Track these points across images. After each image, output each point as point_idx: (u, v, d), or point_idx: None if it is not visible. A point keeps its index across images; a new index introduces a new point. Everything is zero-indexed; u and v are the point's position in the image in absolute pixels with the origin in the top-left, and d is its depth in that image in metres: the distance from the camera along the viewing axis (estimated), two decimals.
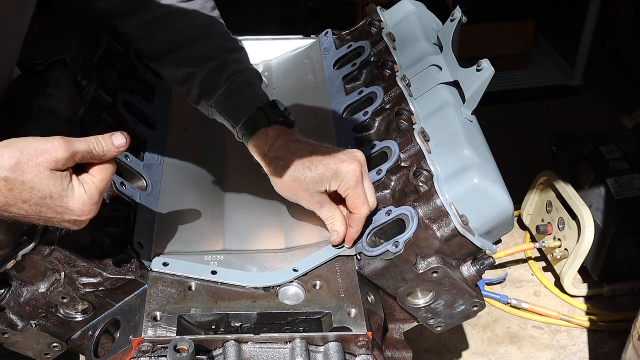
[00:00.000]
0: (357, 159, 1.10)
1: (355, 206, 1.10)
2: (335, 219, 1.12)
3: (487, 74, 1.16)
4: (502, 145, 2.04)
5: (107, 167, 0.92)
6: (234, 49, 1.23)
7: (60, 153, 0.86)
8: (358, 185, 1.09)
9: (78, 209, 0.88)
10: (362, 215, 1.10)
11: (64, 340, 1.10)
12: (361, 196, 1.09)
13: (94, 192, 0.90)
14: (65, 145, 0.86)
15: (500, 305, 2.48)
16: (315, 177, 1.10)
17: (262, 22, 3.74)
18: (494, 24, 3.38)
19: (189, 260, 1.10)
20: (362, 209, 1.09)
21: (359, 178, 1.09)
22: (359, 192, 1.09)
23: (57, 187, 0.86)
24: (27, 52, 1.17)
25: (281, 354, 0.99)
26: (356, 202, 1.09)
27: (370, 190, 1.12)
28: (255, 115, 1.15)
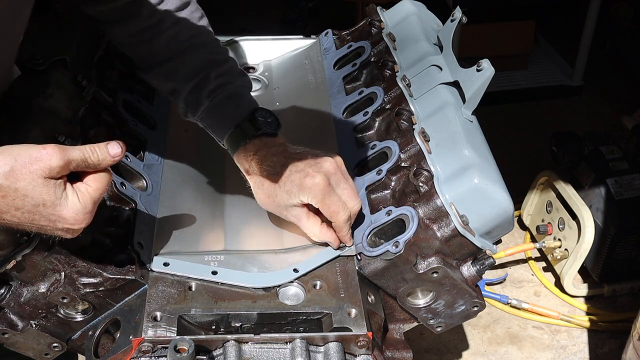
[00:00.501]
0: (322, 169, 1.10)
1: (330, 215, 1.11)
2: (317, 231, 1.13)
3: (487, 74, 1.16)
4: (502, 145, 2.03)
5: (102, 175, 0.91)
6: (219, 61, 1.23)
7: (55, 161, 0.85)
8: (325, 197, 1.09)
9: (71, 217, 0.88)
10: (340, 221, 1.10)
11: (64, 340, 1.10)
12: (333, 205, 1.10)
13: (88, 201, 0.89)
14: (59, 153, 0.86)
15: (500, 305, 2.48)
16: (283, 195, 1.11)
17: (262, 22, 3.74)
18: (494, 24, 3.37)
19: (189, 260, 1.10)
20: (337, 216, 1.10)
21: (325, 189, 1.09)
22: (328, 203, 1.09)
23: (50, 195, 0.86)
24: (27, 52, 1.18)
25: (281, 354, 0.99)
26: (329, 211, 1.10)
27: (348, 192, 1.11)
28: (234, 132, 1.17)
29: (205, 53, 1.23)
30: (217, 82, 1.20)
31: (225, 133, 1.18)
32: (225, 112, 1.19)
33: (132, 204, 1.13)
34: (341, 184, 1.11)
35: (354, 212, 1.12)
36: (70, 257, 0.99)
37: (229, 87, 1.20)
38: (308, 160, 1.12)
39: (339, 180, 1.11)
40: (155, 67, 1.24)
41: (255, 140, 1.16)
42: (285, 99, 1.49)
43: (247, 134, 1.16)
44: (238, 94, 1.21)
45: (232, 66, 1.26)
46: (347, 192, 1.12)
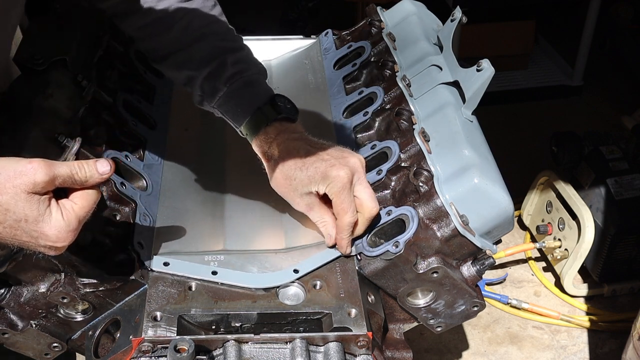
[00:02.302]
0: (349, 164, 1.09)
1: (338, 212, 1.10)
2: (325, 222, 1.12)
3: (487, 74, 1.16)
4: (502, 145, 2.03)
5: (89, 193, 0.89)
6: (234, 49, 1.23)
7: (39, 176, 0.83)
8: (342, 192, 1.08)
9: (53, 234, 0.85)
10: (344, 222, 1.09)
11: (64, 340, 1.10)
12: (344, 203, 1.08)
13: (72, 219, 0.87)
14: (45, 168, 0.84)
15: (500, 305, 2.48)
16: (304, 179, 1.10)
17: (262, 22, 3.74)
18: (494, 24, 3.38)
19: (189, 260, 1.10)
20: (343, 216, 1.09)
21: (345, 185, 1.08)
22: (342, 199, 1.08)
23: (32, 211, 0.83)
24: (27, 52, 1.18)
25: (281, 354, 0.99)
26: (338, 208, 1.09)
27: (369, 193, 1.10)
28: (255, 116, 1.16)
29: (219, 41, 1.23)
30: (234, 69, 1.19)
31: (245, 117, 1.17)
32: (244, 97, 1.18)
33: (132, 204, 1.13)
34: (363, 184, 1.11)
35: (370, 215, 1.10)
36: (70, 257, 0.99)
37: (246, 74, 1.20)
38: (334, 152, 1.11)
39: (362, 180, 1.11)
40: (169, 58, 1.24)
41: (276, 123, 1.15)
42: None
43: (269, 117, 1.15)
44: (256, 81, 1.21)
45: (248, 54, 1.25)
46: (368, 193, 1.10)
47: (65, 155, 1.07)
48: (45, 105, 1.11)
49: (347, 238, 1.11)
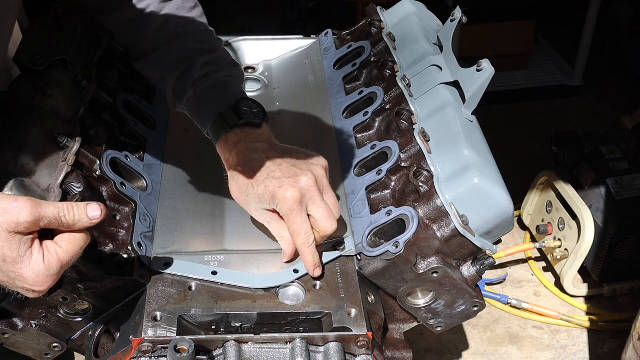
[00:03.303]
0: (299, 184, 1.05)
1: (291, 233, 1.07)
2: (282, 238, 1.09)
3: (487, 74, 1.16)
4: (502, 145, 2.04)
5: (77, 237, 0.86)
6: (207, 50, 1.21)
7: (23, 216, 0.80)
8: (291, 214, 1.05)
9: (31, 278, 0.82)
10: (298, 244, 1.06)
11: (64, 340, 1.10)
12: (294, 224, 1.05)
13: (54, 264, 0.83)
14: (30, 207, 0.80)
15: (500, 305, 2.48)
16: (255, 197, 1.08)
17: (262, 22, 3.74)
18: (494, 24, 3.38)
19: (189, 260, 1.10)
20: (296, 238, 1.06)
21: (293, 207, 1.04)
22: (292, 221, 1.05)
23: (12, 252, 0.80)
24: (27, 52, 1.18)
25: (281, 354, 0.99)
26: (290, 229, 1.07)
27: (322, 212, 1.06)
28: (217, 121, 1.14)
29: (193, 42, 1.22)
30: (202, 71, 1.17)
31: (208, 122, 1.15)
32: (208, 100, 1.16)
33: (132, 204, 1.13)
34: (317, 202, 1.06)
35: (326, 233, 1.07)
36: None
37: (214, 76, 1.18)
38: (286, 169, 1.07)
39: (315, 198, 1.06)
40: (145, 56, 1.24)
41: (237, 130, 1.12)
42: (285, 99, 1.49)
43: (229, 123, 1.12)
44: (223, 84, 1.18)
45: (222, 56, 1.23)
46: (321, 212, 1.06)
47: (65, 155, 1.07)
48: (45, 105, 1.11)
49: (311, 259, 1.07)
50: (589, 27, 3.26)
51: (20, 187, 1.00)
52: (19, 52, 1.19)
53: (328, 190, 1.09)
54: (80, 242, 0.86)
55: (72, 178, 1.05)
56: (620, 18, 3.53)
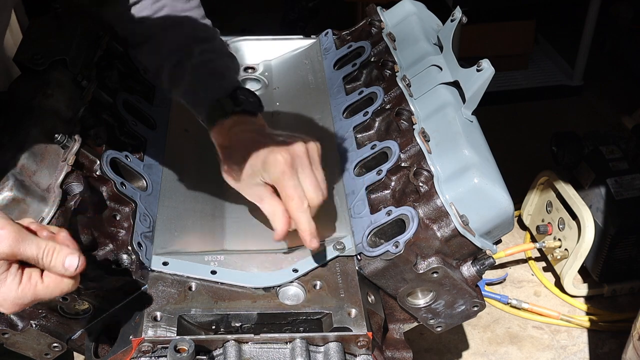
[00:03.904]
0: (290, 149, 1.04)
1: (284, 200, 1.04)
2: (275, 214, 1.06)
3: (487, 74, 1.16)
4: (502, 145, 2.04)
5: (65, 282, 0.84)
6: (204, 39, 1.22)
7: (2, 247, 0.79)
8: (283, 177, 1.03)
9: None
10: (293, 209, 1.03)
11: (64, 340, 1.10)
12: (287, 188, 1.03)
13: (27, 295, 0.82)
14: (10, 241, 0.79)
15: (500, 305, 2.48)
16: (247, 168, 1.06)
17: (262, 22, 3.74)
18: (494, 24, 3.38)
19: (189, 260, 1.10)
20: (290, 203, 1.03)
21: (284, 169, 1.02)
22: (284, 184, 1.03)
23: None
24: (27, 52, 1.18)
25: (281, 354, 0.99)
26: (282, 195, 1.04)
27: (310, 181, 1.04)
28: (213, 107, 1.14)
29: (191, 30, 1.23)
30: (201, 58, 1.18)
31: (204, 108, 1.15)
32: (206, 87, 1.17)
33: (132, 204, 1.13)
34: (306, 170, 1.05)
35: (313, 204, 1.05)
36: None
37: (212, 65, 1.19)
38: (281, 140, 1.07)
39: (304, 166, 1.05)
40: (143, 44, 1.24)
41: (234, 116, 1.13)
42: (285, 99, 1.49)
43: (227, 109, 1.13)
44: (221, 72, 1.19)
45: (219, 46, 1.24)
46: (310, 181, 1.04)
47: (65, 155, 1.07)
48: (45, 105, 1.11)
49: (307, 226, 1.04)
50: (589, 27, 3.26)
51: (20, 187, 1.00)
52: (19, 52, 1.19)
53: (318, 166, 1.08)
54: (65, 287, 0.84)
55: (72, 178, 1.05)
56: (620, 18, 3.53)
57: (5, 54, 1.25)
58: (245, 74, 1.55)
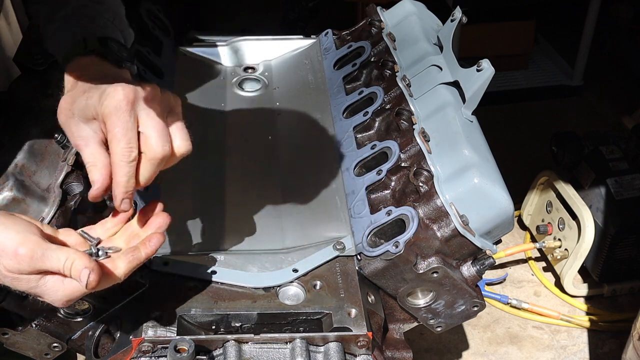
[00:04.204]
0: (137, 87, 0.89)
1: (109, 140, 0.87)
2: (95, 164, 0.90)
3: (487, 74, 1.16)
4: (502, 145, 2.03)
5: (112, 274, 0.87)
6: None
7: (23, 266, 0.81)
8: (116, 113, 0.86)
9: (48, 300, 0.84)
10: (115, 154, 0.87)
11: (64, 340, 1.10)
12: (116, 127, 0.86)
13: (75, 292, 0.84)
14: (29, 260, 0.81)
15: (500, 305, 2.48)
16: (82, 100, 0.89)
17: (262, 22, 3.74)
18: (494, 24, 3.37)
19: (189, 260, 1.10)
20: (114, 146, 0.87)
21: (120, 104, 0.86)
22: (113, 122, 0.86)
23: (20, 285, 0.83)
24: (27, 52, 1.18)
25: (281, 354, 0.99)
26: (109, 135, 0.87)
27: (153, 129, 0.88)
28: (75, 45, 1.01)
29: None
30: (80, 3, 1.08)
31: (67, 45, 1.01)
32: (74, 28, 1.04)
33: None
34: (151, 114, 0.89)
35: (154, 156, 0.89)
36: None
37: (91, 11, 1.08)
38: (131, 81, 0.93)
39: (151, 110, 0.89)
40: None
41: (94, 57, 0.98)
42: (285, 99, 1.49)
43: (88, 46, 0.99)
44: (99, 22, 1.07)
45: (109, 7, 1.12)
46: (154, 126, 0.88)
47: (65, 155, 1.07)
48: (45, 105, 1.11)
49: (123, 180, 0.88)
50: (589, 27, 3.26)
51: (20, 187, 1.00)
52: (19, 52, 1.19)
53: (174, 114, 0.93)
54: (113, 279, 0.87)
55: (72, 178, 1.05)
56: (620, 18, 3.53)
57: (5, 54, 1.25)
58: (245, 74, 1.56)
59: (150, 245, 0.89)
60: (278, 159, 1.35)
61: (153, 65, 1.38)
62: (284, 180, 1.30)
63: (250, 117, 1.45)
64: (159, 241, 0.90)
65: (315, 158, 1.33)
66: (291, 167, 1.33)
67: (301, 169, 1.33)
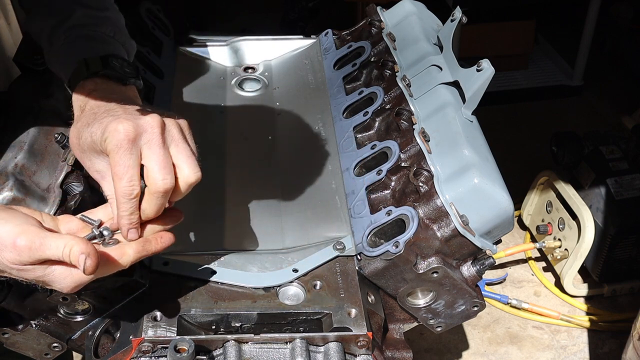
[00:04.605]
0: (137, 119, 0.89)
1: (113, 177, 0.88)
2: (112, 199, 0.92)
3: (487, 74, 1.16)
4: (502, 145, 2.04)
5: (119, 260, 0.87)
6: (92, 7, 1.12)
7: (24, 257, 0.82)
8: (118, 151, 0.87)
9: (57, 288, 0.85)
10: (117, 193, 0.88)
11: (64, 340, 1.10)
12: (117, 165, 0.87)
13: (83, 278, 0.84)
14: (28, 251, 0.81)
15: (500, 305, 2.48)
16: (87, 137, 0.90)
17: (262, 22, 3.74)
18: (494, 24, 3.37)
19: (189, 260, 1.10)
20: (117, 183, 0.88)
21: (122, 142, 0.86)
22: (116, 160, 0.87)
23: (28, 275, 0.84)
24: (27, 52, 1.18)
25: (281, 354, 0.99)
26: (112, 172, 0.88)
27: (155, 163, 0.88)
28: (78, 68, 1.01)
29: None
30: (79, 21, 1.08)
31: (71, 68, 1.02)
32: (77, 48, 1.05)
33: None
34: (153, 147, 0.88)
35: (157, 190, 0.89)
36: None
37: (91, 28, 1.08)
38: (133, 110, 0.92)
39: (153, 142, 0.88)
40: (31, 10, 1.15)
41: (97, 79, 0.99)
42: (285, 99, 1.49)
43: (90, 68, 0.99)
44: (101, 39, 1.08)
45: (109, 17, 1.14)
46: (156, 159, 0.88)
47: (65, 155, 1.07)
48: (45, 105, 1.11)
49: (126, 214, 0.89)
50: (589, 27, 3.26)
51: (20, 187, 1.00)
52: (19, 52, 1.19)
53: (180, 142, 0.92)
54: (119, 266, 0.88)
55: (72, 178, 1.05)
56: (620, 18, 3.53)
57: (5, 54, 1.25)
58: (245, 74, 1.56)
59: (161, 242, 0.91)
60: (278, 158, 1.35)
61: (153, 65, 1.38)
62: (284, 180, 1.30)
63: (250, 117, 1.45)
64: (170, 240, 0.93)
65: (315, 158, 1.33)
66: (291, 167, 1.34)
67: (301, 169, 1.33)
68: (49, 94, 1.12)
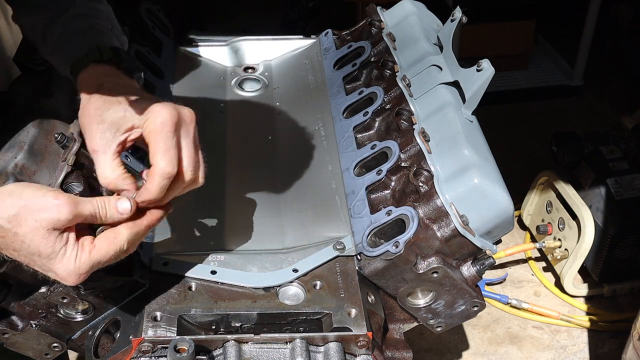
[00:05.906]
0: (178, 108, 0.93)
1: (153, 154, 0.91)
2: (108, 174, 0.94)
3: (487, 74, 1.16)
4: (502, 145, 2.03)
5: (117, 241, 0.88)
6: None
7: (63, 214, 0.83)
8: (163, 130, 0.90)
9: (61, 274, 0.86)
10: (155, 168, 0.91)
11: (64, 340, 1.10)
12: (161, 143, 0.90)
13: (85, 263, 0.86)
14: (69, 206, 0.84)
15: (500, 305, 2.48)
16: (119, 110, 0.92)
17: (262, 22, 3.74)
18: (494, 24, 3.37)
19: (189, 260, 1.10)
20: (160, 160, 0.90)
21: (167, 123, 0.90)
22: (160, 138, 0.90)
23: (46, 248, 0.84)
24: (27, 52, 1.18)
25: (281, 354, 0.99)
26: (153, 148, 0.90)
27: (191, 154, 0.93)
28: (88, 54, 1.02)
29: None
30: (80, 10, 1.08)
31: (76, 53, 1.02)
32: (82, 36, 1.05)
33: None
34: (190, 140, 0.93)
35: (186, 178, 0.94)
36: None
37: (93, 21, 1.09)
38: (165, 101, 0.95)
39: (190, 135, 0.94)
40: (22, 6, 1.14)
41: (107, 66, 1.00)
42: (285, 99, 1.49)
43: (104, 55, 1.01)
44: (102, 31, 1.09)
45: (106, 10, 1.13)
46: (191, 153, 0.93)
47: (65, 155, 1.07)
48: (46, 105, 1.11)
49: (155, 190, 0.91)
50: (589, 27, 3.26)
51: None
52: (19, 52, 1.19)
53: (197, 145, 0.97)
54: (115, 245, 0.88)
55: (72, 178, 1.05)
56: (620, 18, 3.53)
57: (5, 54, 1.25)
58: (245, 74, 1.55)
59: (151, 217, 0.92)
60: (278, 158, 1.35)
61: (153, 65, 1.38)
62: (283, 180, 1.30)
63: (250, 117, 1.45)
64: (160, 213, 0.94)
65: (315, 158, 1.34)
66: (291, 167, 1.34)
67: (301, 169, 1.33)
68: (49, 94, 1.12)
